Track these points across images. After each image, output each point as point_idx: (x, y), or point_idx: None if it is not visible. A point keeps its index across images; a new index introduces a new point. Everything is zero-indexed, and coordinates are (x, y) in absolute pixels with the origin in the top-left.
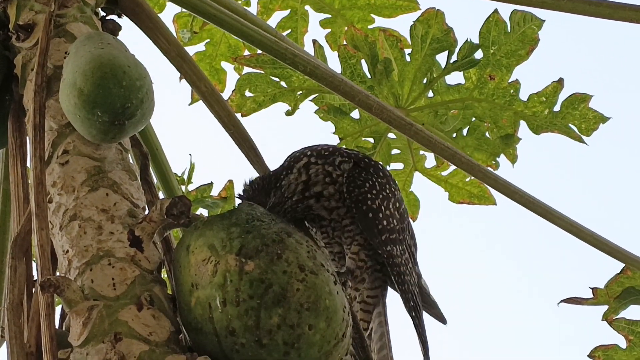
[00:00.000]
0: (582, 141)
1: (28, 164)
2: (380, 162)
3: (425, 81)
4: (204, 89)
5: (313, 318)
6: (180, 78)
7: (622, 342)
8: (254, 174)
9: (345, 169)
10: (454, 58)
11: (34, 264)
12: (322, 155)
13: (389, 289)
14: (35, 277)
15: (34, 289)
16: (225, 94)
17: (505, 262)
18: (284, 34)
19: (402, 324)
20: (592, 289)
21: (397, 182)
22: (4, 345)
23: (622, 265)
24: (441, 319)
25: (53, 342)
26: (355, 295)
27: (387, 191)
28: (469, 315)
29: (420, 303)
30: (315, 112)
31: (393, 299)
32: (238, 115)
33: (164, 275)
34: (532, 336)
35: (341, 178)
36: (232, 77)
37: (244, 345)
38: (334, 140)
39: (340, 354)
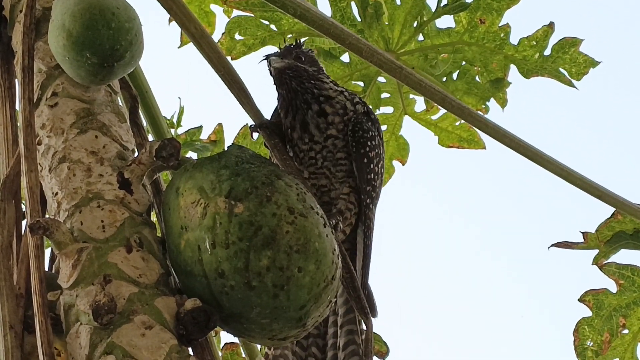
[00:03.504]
0: (572, 85)
1: (17, 106)
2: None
3: (415, 25)
4: (194, 31)
5: (302, 260)
6: (170, 20)
7: (613, 287)
8: (251, 118)
9: (359, 110)
10: (444, 1)
11: (23, 206)
12: (350, 91)
13: None
14: (25, 219)
15: (23, 231)
16: (215, 38)
17: (495, 206)
18: None
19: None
20: (582, 233)
21: (387, 127)
22: None
23: (612, 209)
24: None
25: (42, 284)
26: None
27: (381, 151)
28: (458, 255)
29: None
30: None
31: None
32: (228, 58)
33: (153, 217)
34: (522, 279)
35: (351, 113)
36: (221, 21)
37: (233, 287)
38: None
39: (329, 296)
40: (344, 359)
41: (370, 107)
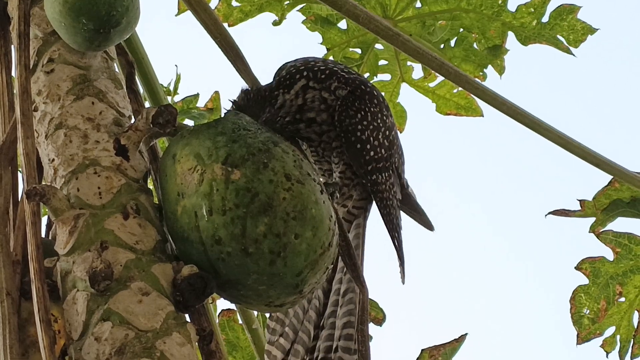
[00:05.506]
0: (570, 52)
1: (13, 73)
2: (376, 88)
3: None
4: None
5: (299, 227)
6: None
7: (609, 255)
8: (247, 84)
9: (340, 95)
10: None
11: (19, 173)
12: (319, 79)
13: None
14: (21, 186)
15: (19, 198)
16: (212, 4)
17: (492, 174)
18: None
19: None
20: (579, 201)
21: (384, 94)
22: None
23: (609, 177)
24: (428, 225)
25: (39, 251)
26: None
27: (379, 121)
28: (456, 222)
29: (401, 224)
30: (302, 23)
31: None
32: (225, 25)
33: (150, 184)
34: (518, 247)
35: (335, 102)
36: None
37: (230, 254)
38: (322, 51)
39: (326, 263)
40: (342, 305)
41: (359, 80)
